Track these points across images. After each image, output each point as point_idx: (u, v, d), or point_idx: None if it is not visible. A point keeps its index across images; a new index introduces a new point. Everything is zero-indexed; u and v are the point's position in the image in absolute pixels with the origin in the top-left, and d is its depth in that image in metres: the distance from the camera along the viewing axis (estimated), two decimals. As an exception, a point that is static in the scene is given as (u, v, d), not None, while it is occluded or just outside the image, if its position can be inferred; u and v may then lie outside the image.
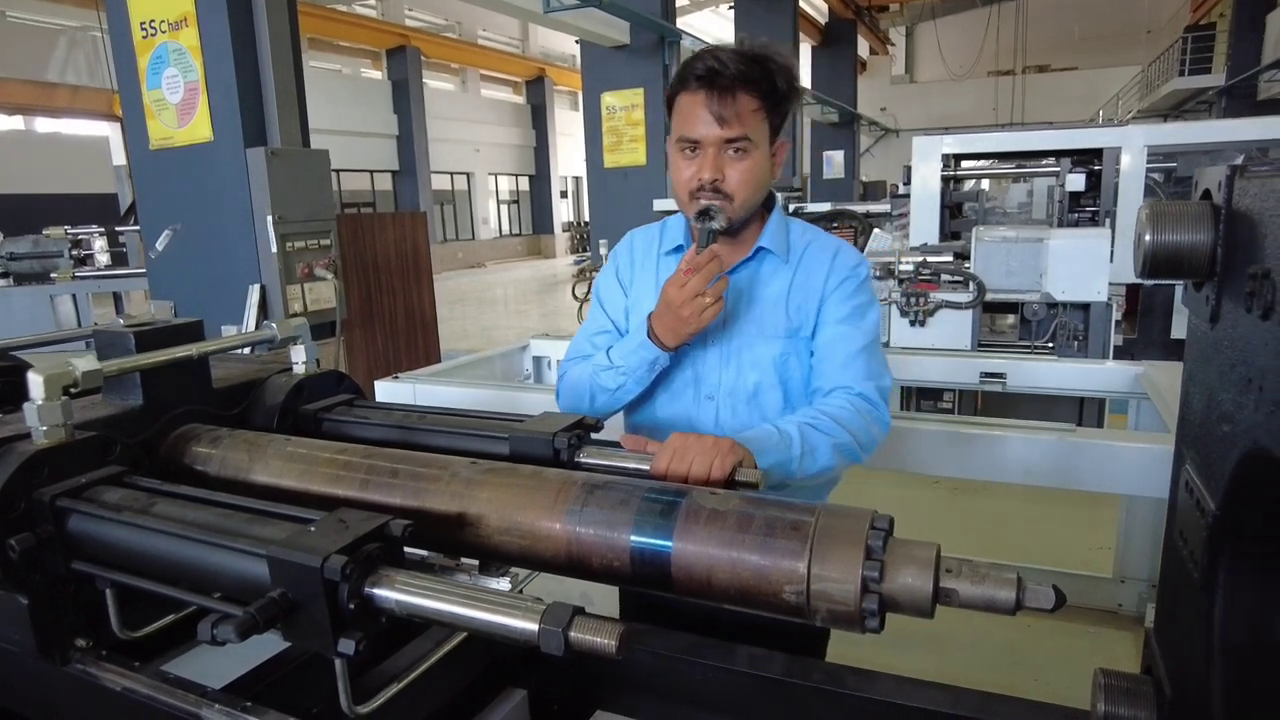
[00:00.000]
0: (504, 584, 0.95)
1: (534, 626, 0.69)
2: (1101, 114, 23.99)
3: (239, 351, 1.39)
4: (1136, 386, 2.59)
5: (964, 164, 5.31)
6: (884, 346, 3.97)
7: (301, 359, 1.28)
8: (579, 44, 9.41)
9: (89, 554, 0.94)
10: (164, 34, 3.62)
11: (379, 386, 2.63)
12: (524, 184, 27.12)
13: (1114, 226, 4.71)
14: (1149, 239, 0.62)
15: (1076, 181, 5.03)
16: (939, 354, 3.43)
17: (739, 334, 1.39)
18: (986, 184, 5.53)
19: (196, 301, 3.87)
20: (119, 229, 7.53)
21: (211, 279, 3.82)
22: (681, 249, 1.45)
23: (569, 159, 26.56)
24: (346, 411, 1.25)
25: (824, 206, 9.15)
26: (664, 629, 1.13)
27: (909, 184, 6.44)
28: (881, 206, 9.27)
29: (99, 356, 1.07)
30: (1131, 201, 4.87)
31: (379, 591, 0.75)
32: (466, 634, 1.00)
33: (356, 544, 0.75)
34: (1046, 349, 3.97)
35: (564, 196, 28.25)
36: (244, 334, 1.36)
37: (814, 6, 20.12)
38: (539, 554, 0.88)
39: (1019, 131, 6.42)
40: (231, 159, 3.60)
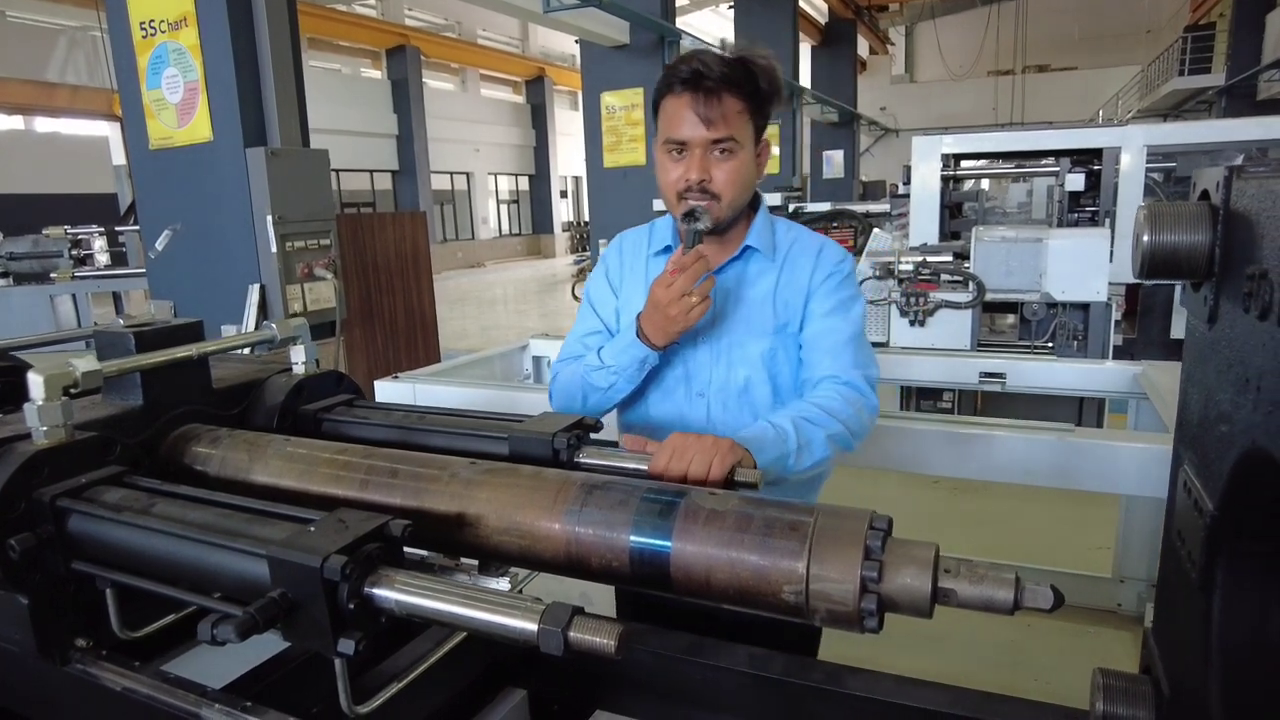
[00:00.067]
0: (503, 584, 0.95)
1: (533, 626, 0.69)
2: (1101, 114, 23.99)
3: (239, 351, 1.39)
4: (1136, 386, 2.59)
5: (964, 164, 5.30)
6: (884, 346, 4.01)
7: (301, 359, 1.28)
8: (579, 44, 9.39)
9: (89, 554, 0.94)
10: (164, 34, 3.62)
11: (379, 386, 2.63)
12: (524, 184, 27.12)
13: (1113, 226, 4.70)
14: (1147, 239, 0.63)
15: (1076, 181, 5.03)
16: (938, 354, 3.43)
17: (728, 331, 1.41)
18: (986, 184, 5.53)
19: (196, 301, 3.87)
20: (119, 229, 7.53)
21: (211, 279, 3.82)
22: (669, 249, 1.46)
23: (569, 159, 26.55)
24: (346, 412, 1.26)
25: (824, 206, 9.17)
26: (663, 629, 1.13)
27: (909, 184, 6.44)
28: (881, 206, 9.29)
29: (99, 357, 1.07)
30: (1131, 201, 4.87)
31: (379, 591, 0.75)
32: (466, 634, 1.00)
33: (356, 544, 0.75)
34: (1046, 349, 3.97)
35: (564, 196, 28.24)
36: (244, 334, 1.36)
37: (814, 6, 20.11)
38: (538, 554, 0.89)
39: (1019, 131, 6.41)
40: (231, 159, 3.60)
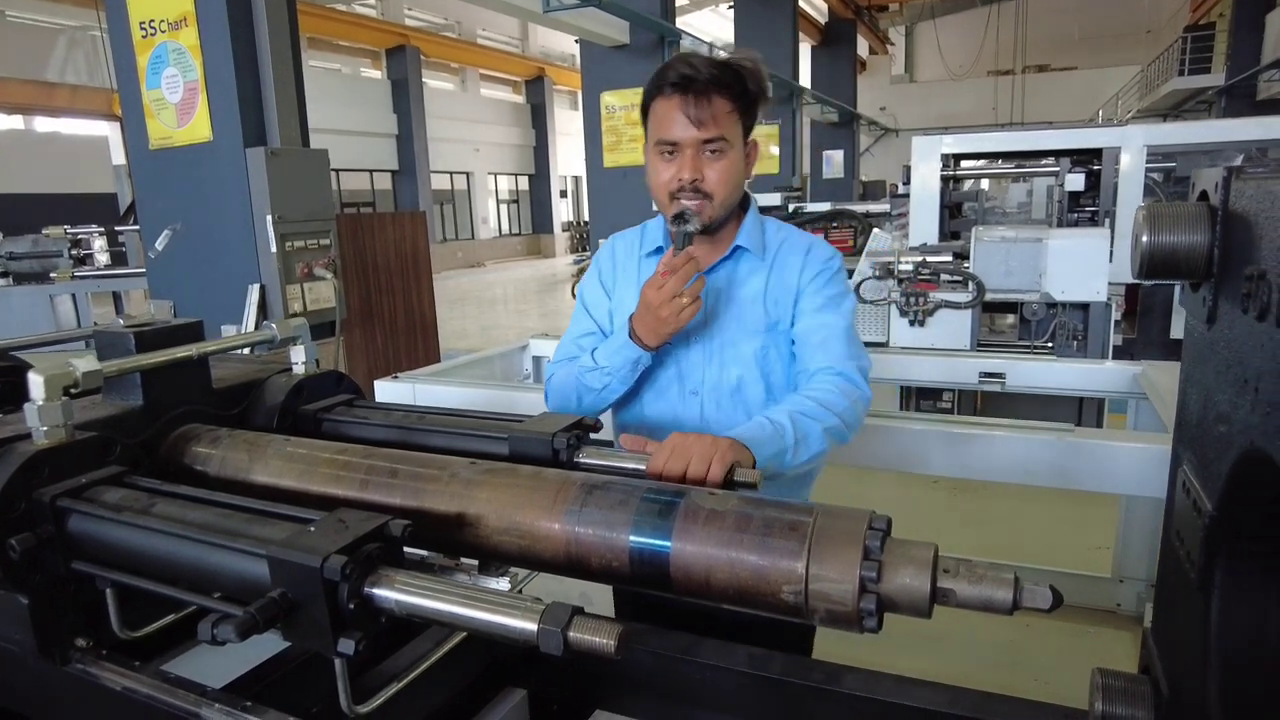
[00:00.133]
0: (503, 584, 0.95)
1: (533, 626, 0.69)
2: (1101, 114, 24.00)
3: (239, 351, 1.39)
4: (1135, 386, 2.59)
5: (963, 164, 5.30)
6: (884, 346, 4.01)
7: (301, 359, 1.28)
8: (578, 43, 9.39)
9: (89, 554, 0.94)
10: (163, 34, 3.62)
11: (378, 386, 2.63)
12: (524, 183, 27.11)
13: (1113, 226, 4.70)
14: (1146, 240, 0.63)
15: (1076, 181, 5.02)
16: (938, 354, 3.43)
17: (720, 331, 1.43)
18: (986, 184, 5.53)
19: (196, 301, 3.87)
20: (118, 229, 7.54)
21: (211, 279, 3.82)
22: (661, 250, 1.48)
23: (568, 158, 26.54)
24: (346, 412, 1.26)
25: (823, 206, 9.16)
26: (663, 629, 1.13)
27: (908, 184, 6.44)
28: (881, 206, 9.28)
29: (99, 357, 1.07)
30: (1131, 201, 4.86)
31: (379, 591, 0.75)
32: (466, 634, 1.00)
33: (356, 544, 0.75)
34: (1046, 349, 3.97)
35: (564, 196, 28.23)
36: (244, 334, 1.36)
37: (814, 6, 20.11)
38: (538, 554, 0.89)
39: (1018, 131, 6.41)
40: (231, 159, 3.60)
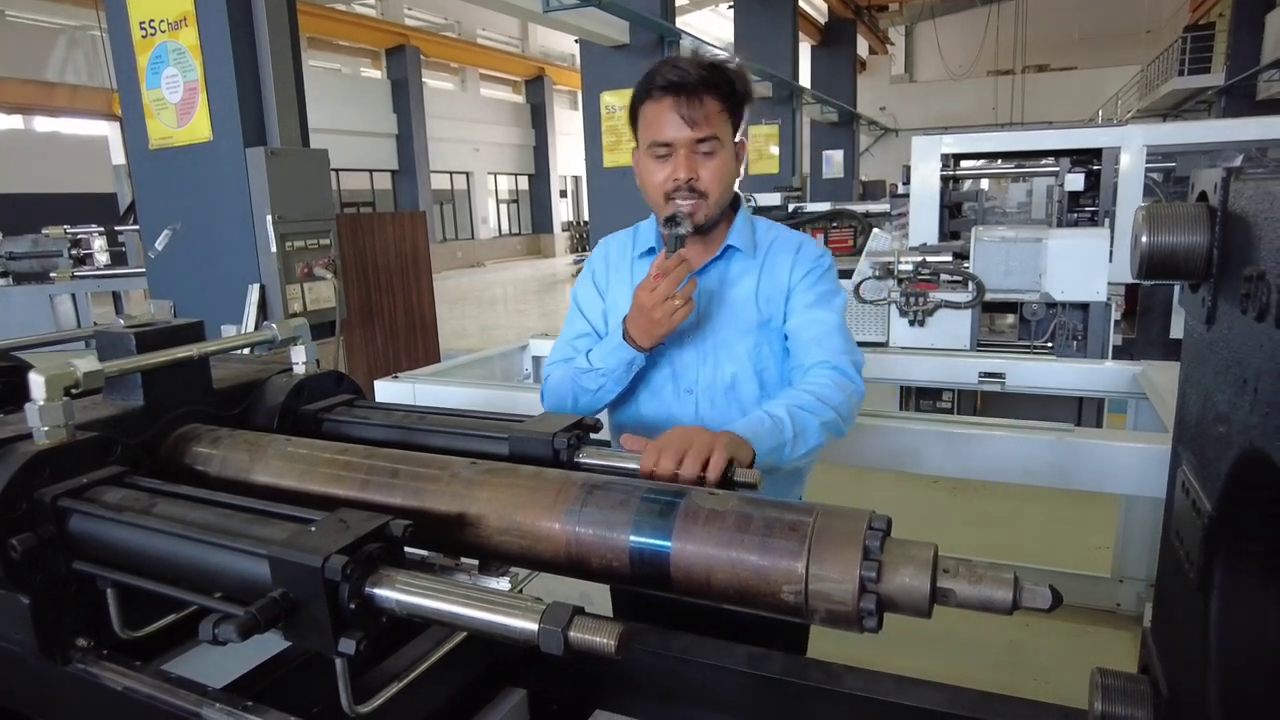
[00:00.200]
0: (503, 584, 0.95)
1: (534, 626, 0.69)
2: (1101, 114, 24.00)
3: (239, 351, 1.39)
4: (1135, 386, 2.59)
5: (963, 164, 5.30)
6: (884, 346, 4.01)
7: (302, 359, 1.29)
8: (578, 43, 9.39)
9: (90, 554, 0.94)
10: (163, 33, 3.62)
11: (378, 386, 2.63)
12: (523, 183, 27.10)
13: (1113, 226, 4.70)
14: (1145, 240, 0.63)
15: (1076, 181, 5.02)
16: (938, 354, 3.43)
17: (714, 330, 1.44)
18: (986, 184, 5.53)
19: (196, 301, 3.88)
20: (118, 228, 7.54)
21: (211, 279, 3.82)
22: (653, 251, 1.49)
23: (568, 158, 26.54)
24: (346, 412, 1.26)
25: (823, 206, 9.17)
26: (663, 629, 1.13)
27: (908, 184, 6.44)
28: (881, 206, 9.28)
29: (100, 357, 1.07)
30: (1130, 201, 4.86)
31: (379, 591, 0.75)
32: (466, 634, 1.00)
33: (357, 544, 0.75)
34: (1045, 349, 3.97)
35: (563, 196, 28.23)
36: (245, 334, 1.36)
37: (814, 6, 20.11)
38: (539, 554, 0.89)
39: (1018, 131, 6.41)
40: (231, 159, 3.60)
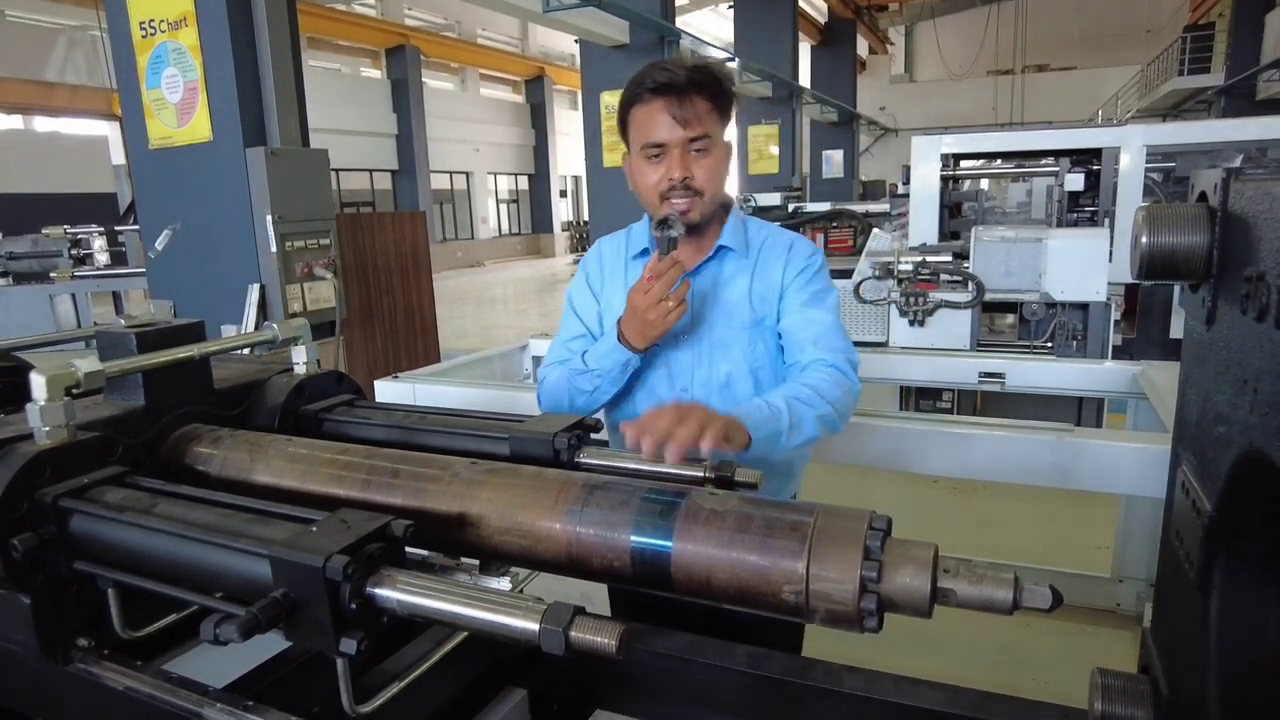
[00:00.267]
0: (504, 584, 0.96)
1: (535, 626, 0.69)
2: (1100, 114, 24.00)
3: (239, 351, 1.39)
4: (1135, 386, 2.59)
5: (963, 164, 5.29)
6: (883, 346, 4.01)
7: (302, 359, 1.29)
8: (578, 43, 9.39)
9: (91, 554, 0.94)
10: (163, 33, 3.62)
11: (378, 386, 2.63)
12: (523, 183, 27.09)
13: (1113, 226, 4.70)
14: (1146, 241, 0.63)
15: (1075, 181, 5.02)
16: (938, 354, 3.43)
17: (708, 329, 1.46)
18: (985, 184, 5.53)
19: (196, 301, 3.87)
20: (118, 228, 7.55)
21: (211, 278, 3.82)
22: (647, 252, 1.50)
23: (568, 158, 26.53)
24: (347, 412, 1.26)
25: (823, 206, 9.17)
26: (664, 629, 1.13)
27: (908, 183, 6.44)
28: (881, 206, 9.28)
29: (101, 357, 1.07)
30: (1130, 201, 4.86)
31: (380, 591, 0.75)
32: (467, 634, 1.01)
33: (358, 544, 0.75)
34: (1045, 349, 3.97)
35: (563, 196, 28.22)
36: (245, 335, 1.36)
37: (814, 6, 20.10)
38: (540, 554, 0.89)
39: (1018, 131, 6.41)
40: (231, 159, 3.60)
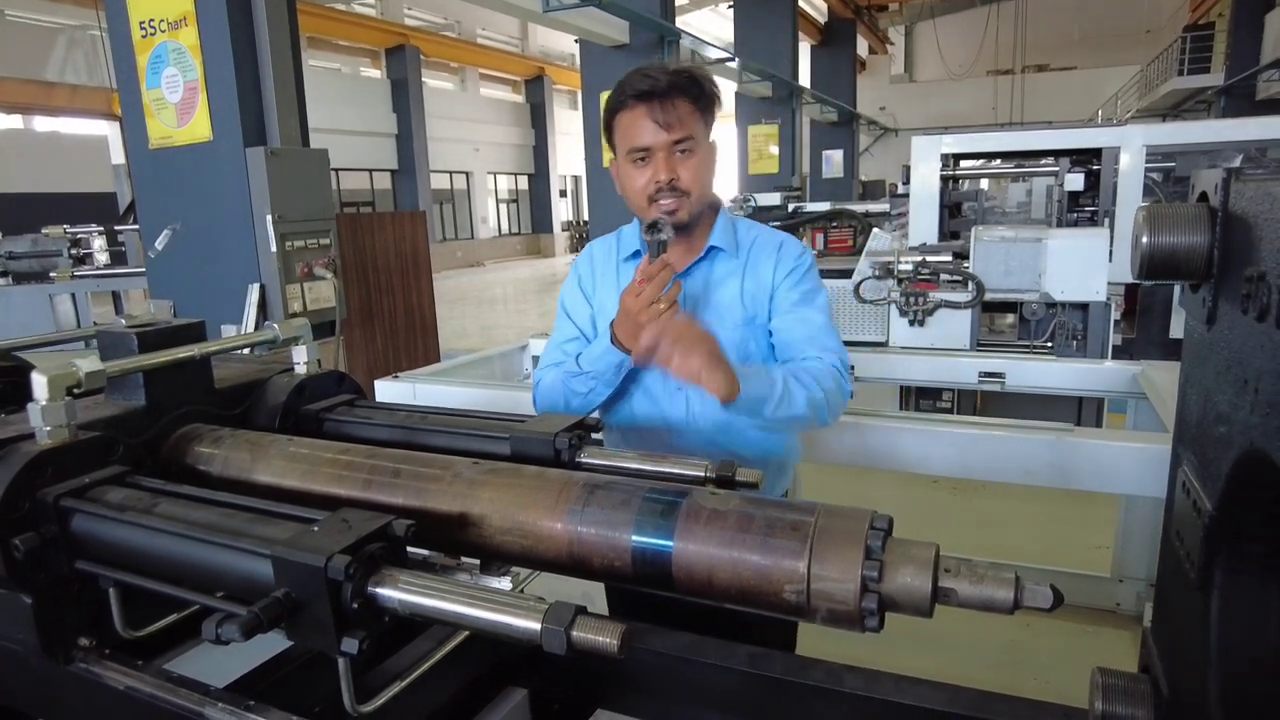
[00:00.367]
0: (505, 583, 0.96)
1: (537, 626, 0.69)
2: (1100, 113, 23.98)
3: (240, 351, 1.39)
4: (1135, 386, 2.59)
5: (963, 163, 5.29)
6: (883, 346, 4.01)
7: (303, 359, 1.29)
8: (578, 43, 9.39)
9: (92, 553, 0.94)
10: (163, 33, 3.62)
11: (379, 386, 2.63)
12: (523, 183, 27.09)
13: (1113, 226, 4.69)
14: (1146, 241, 0.63)
15: (1075, 181, 5.02)
16: (938, 353, 3.43)
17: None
18: (985, 184, 5.53)
19: (196, 301, 3.87)
20: (118, 228, 7.54)
21: (211, 278, 3.82)
22: (638, 254, 1.52)
23: (568, 158, 26.52)
24: (348, 412, 1.26)
25: (823, 206, 9.16)
26: (665, 629, 1.13)
27: (908, 183, 6.43)
28: (880, 206, 9.27)
29: (102, 357, 1.07)
30: (1130, 201, 4.86)
31: (382, 591, 0.75)
32: (468, 633, 1.01)
33: (360, 544, 0.75)
34: (1045, 349, 3.97)
35: (563, 196, 28.21)
36: (246, 334, 1.36)
37: (813, 6, 20.09)
38: (541, 554, 0.89)
39: (1018, 131, 6.41)
40: (231, 158, 3.60)
